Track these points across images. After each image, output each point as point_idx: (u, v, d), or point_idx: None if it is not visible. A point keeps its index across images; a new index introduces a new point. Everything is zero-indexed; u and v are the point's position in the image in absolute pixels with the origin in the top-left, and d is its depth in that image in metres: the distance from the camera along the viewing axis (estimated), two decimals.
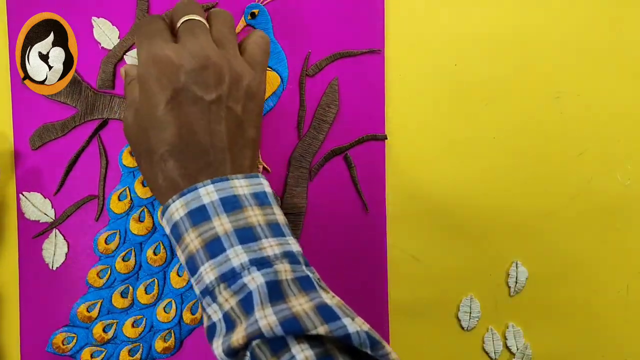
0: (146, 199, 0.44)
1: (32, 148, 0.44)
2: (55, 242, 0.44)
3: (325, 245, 0.46)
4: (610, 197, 0.48)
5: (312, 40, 0.45)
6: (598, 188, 0.48)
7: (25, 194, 0.44)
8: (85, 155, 0.44)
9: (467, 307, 0.47)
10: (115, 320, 0.44)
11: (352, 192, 0.46)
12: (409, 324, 0.47)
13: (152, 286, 0.44)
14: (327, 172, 0.46)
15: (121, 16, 0.44)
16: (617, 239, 0.48)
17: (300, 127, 0.45)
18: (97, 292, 0.44)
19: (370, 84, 0.46)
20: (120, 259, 0.44)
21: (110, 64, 0.44)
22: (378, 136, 0.46)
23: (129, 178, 0.44)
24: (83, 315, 0.44)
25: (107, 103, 0.44)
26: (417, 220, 0.47)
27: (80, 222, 0.44)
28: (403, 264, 0.47)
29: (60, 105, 0.44)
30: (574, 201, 0.48)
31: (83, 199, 0.44)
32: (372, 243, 0.46)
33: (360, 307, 0.46)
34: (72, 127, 0.44)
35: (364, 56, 0.46)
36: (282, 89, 0.45)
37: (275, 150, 0.45)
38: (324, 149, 0.46)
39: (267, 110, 0.45)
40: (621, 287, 0.49)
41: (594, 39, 0.48)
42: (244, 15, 0.44)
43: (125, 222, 0.44)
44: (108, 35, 0.44)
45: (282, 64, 0.45)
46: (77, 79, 0.44)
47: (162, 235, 0.44)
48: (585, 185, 0.48)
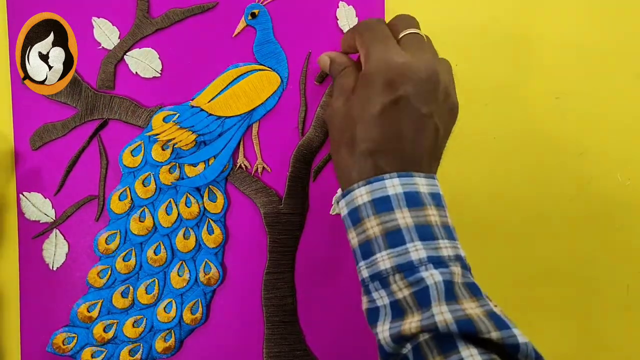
0: (146, 199, 0.44)
1: (32, 148, 0.44)
2: (55, 242, 0.44)
3: (326, 245, 0.46)
4: (610, 197, 0.48)
5: (312, 40, 0.45)
6: (598, 188, 0.48)
7: (26, 194, 0.44)
8: (85, 156, 0.44)
9: None
10: (116, 321, 0.44)
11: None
12: None
13: (152, 286, 0.44)
14: (329, 171, 0.46)
15: (121, 16, 0.44)
16: (617, 239, 0.48)
17: (301, 127, 0.45)
18: (97, 292, 0.44)
19: None
20: (120, 259, 0.44)
21: (111, 64, 0.44)
22: None
23: (129, 178, 0.44)
24: (83, 315, 0.44)
25: (107, 103, 0.44)
26: None
27: (81, 222, 0.44)
28: None
29: (60, 106, 0.44)
30: (574, 201, 0.48)
31: (83, 199, 0.44)
32: None
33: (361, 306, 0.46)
34: (72, 127, 0.44)
35: None
36: (282, 89, 0.45)
37: (276, 150, 0.45)
38: (326, 149, 0.46)
39: (267, 110, 0.45)
40: (621, 287, 0.49)
41: (594, 39, 0.48)
42: (244, 16, 0.44)
43: (125, 222, 0.44)
44: (108, 35, 0.44)
45: (282, 64, 0.45)
46: (77, 79, 0.44)
47: (162, 235, 0.44)
48: (585, 185, 0.48)
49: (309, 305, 0.46)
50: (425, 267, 0.33)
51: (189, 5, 0.44)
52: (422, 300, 0.33)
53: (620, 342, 0.49)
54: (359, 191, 0.35)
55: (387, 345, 0.34)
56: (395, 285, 0.34)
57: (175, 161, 0.44)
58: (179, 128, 0.44)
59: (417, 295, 0.33)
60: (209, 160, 0.44)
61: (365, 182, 0.35)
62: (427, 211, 0.35)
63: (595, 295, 0.48)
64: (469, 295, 0.33)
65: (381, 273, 0.34)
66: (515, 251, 0.48)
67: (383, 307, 0.35)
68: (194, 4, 0.44)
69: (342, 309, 0.46)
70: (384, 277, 0.34)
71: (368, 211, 0.35)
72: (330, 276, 0.46)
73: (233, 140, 0.45)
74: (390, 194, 0.34)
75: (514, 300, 0.48)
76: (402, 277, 0.34)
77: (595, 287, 0.48)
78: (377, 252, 0.34)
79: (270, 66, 0.45)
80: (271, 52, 0.45)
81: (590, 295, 0.48)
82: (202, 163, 0.44)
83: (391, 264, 0.34)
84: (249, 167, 0.45)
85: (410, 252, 0.34)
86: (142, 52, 0.44)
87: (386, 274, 0.34)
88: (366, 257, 0.35)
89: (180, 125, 0.44)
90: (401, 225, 0.34)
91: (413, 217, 0.34)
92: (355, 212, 0.35)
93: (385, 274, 0.34)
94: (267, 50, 0.45)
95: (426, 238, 0.34)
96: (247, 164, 0.45)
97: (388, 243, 0.34)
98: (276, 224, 0.45)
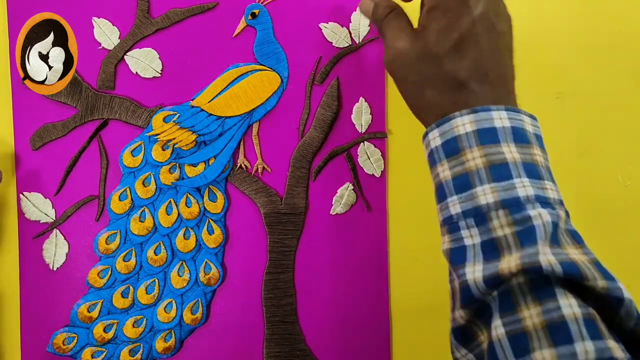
0: (147, 199, 0.44)
1: (32, 148, 0.44)
2: (55, 242, 0.44)
3: (326, 245, 0.46)
4: (611, 198, 0.48)
5: (312, 39, 0.45)
6: (598, 188, 0.48)
7: (26, 194, 0.44)
8: (85, 156, 0.44)
9: None
10: (116, 321, 0.44)
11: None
12: (411, 323, 0.47)
13: (152, 286, 0.44)
14: (329, 171, 0.46)
15: (121, 17, 0.44)
16: (617, 239, 0.48)
17: (302, 128, 0.45)
18: (97, 293, 0.44)
19: (371, 80, 0.46)
20: (120, 259, 0.44)
21: (111, 64, 0.44)
22: (378, 134, 0.46)
23: (129, 178, 0.44)
24: (83, 315, 0.44)
25: (107, 103, 0.44)
26: (417, 218, 0.47)
27: (81, 222, 0.44)
28: (404, 263, 0.47)
29: (60, 106, 0.44)
30: (574, 201, 0.48)
31: (83, 199, 0.44)
32: (374, 243, 0.46)
33: (362, 306, 0.46)
34: (72, 127, 0.44)
35: (364, 52, 0.46)
36: (282, 89, 0.45)
37: (276, 150, 0.45)
38: (326, 149, 0.46)
39: (268, 110, 0.45)
40: None
41: (594, 39, 0.48)
42: (244, 16, 0.44)
43: (125, 223, 0.44)
44: (108, 35, 0.44)
45: (282, 64, 0.45)
46: (78, 79, 0.44)
47: (162, 235, 0.44)
48: (585, 185, 0.48)
49: (309, 305, 0.46)
50: (533, 205, 0.31)
51: (189, 5, 0.44)
52: (525, 240, 0.30)
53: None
54: (462, 119, 0.33)
55: (478, 288, 0.31)
56: (497, 221, 0.31)
57: (176, 161, 0.44)
58: (180, 128, 0.44)
59: (521, 234, 0.31)
60: (209, 160, 0.44)
61: (471, 111, 0.33)
62: (533, 150, 0.33)
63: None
64: (572, 242, 0.32)
65: (481, 208, 0.32)
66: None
67: (471, 247, 0.32)
68: (194, 4, 0.44)
69: (341, 309, 0.46)
70: (483, 212, 0.32)
71: (471, 141, 0.32)
72: (330, 276, 0.46)
73: (233, 140, 0.45)
74: (497, 126, 0.32)
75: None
76: (506, 213, 0.31)
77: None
78: (477, 186, 0.32)
79: (270, 66, 0.45)
80: (271, 52, 0.45)
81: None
82: (202, 163, 0.44)
83: (494, 198, 0.31)
84: (250, 167, 0.45)
85: (517, 188, 0.31)
86: (143, 52, 0.44)
87: (487, 209, 0.31)
88: (462, 191, 0.32)
89: (181, 125, 0.44)
90: (508, 159, 0.32)
91: (520, 153, 0.32)
92: (454, 142, 0.33)
93: (485, 209, 0.31)
94: (268, 50, 0.45)
95: (532, 176, 0.32)
96: (247, 164, 0.45)
97: (492, 176, 0.32)
98: (276, 224, 0.45)
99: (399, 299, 0.47)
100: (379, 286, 0.46)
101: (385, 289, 0.46)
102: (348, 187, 0.46)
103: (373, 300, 0.46)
